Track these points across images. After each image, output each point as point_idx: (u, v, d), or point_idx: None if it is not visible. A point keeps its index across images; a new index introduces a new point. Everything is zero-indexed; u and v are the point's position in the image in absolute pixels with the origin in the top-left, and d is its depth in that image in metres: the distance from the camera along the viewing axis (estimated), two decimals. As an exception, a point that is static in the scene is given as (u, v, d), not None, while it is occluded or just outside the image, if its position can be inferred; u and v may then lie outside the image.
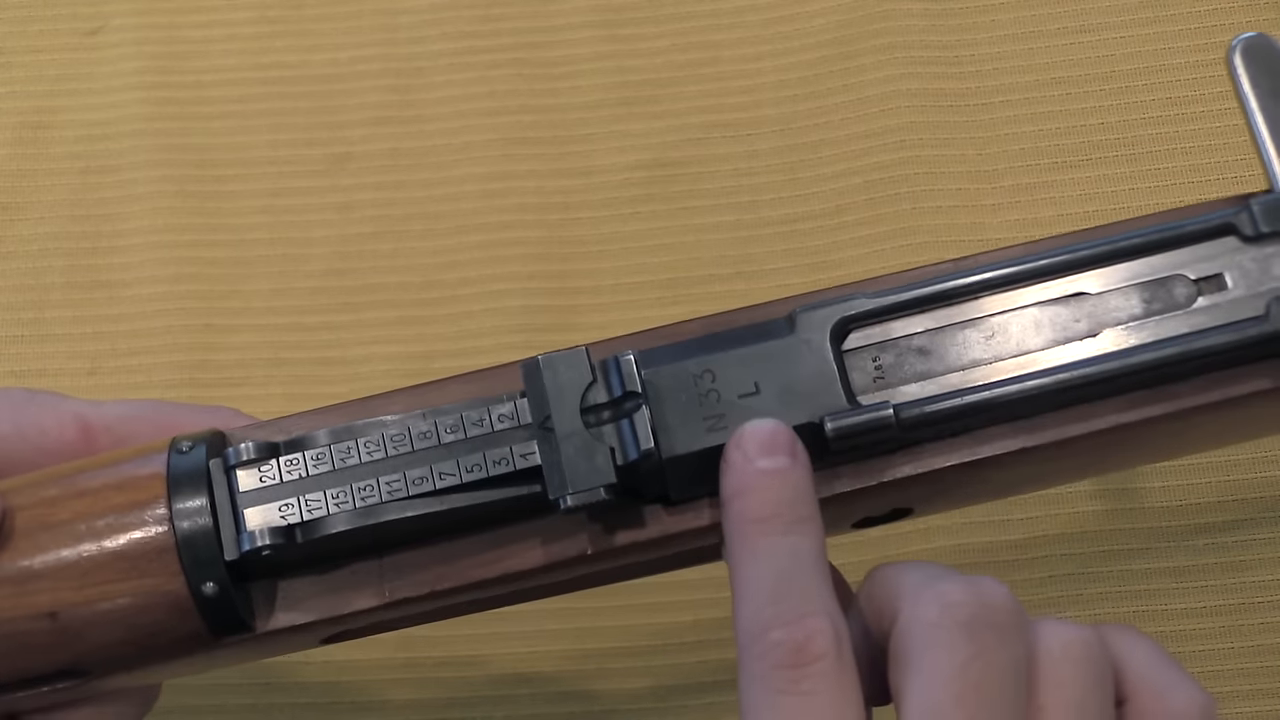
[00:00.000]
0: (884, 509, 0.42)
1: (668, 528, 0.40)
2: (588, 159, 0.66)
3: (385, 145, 0.67)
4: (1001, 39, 0.66)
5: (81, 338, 0.64)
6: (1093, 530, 0.58)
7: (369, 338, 0.64)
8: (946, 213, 0.63)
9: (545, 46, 0.68)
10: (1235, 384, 0.39)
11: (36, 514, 0.40)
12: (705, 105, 0.67)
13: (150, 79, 0.69)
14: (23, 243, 0.66)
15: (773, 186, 0.65)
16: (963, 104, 0.65)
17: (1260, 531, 0.57)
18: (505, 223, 0.65)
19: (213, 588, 0.39)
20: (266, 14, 0.70)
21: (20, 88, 0.69)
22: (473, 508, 0.39)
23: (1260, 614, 0.56)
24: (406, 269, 0.65)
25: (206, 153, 0.67)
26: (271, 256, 0.65)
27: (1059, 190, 0.63)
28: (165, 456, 0.40)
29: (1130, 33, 0.66)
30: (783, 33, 0.68)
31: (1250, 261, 0.40)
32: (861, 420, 0.39)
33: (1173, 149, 0.64)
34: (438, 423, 0.39)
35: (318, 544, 0.39)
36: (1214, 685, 0.55)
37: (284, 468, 0.39)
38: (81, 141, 0.68)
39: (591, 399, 0.39)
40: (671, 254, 0.64)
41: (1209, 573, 0.57)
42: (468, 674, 0.58)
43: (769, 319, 0.41)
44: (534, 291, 0.64)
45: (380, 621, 0.41)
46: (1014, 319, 0.40)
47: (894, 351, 0.40)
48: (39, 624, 0.39)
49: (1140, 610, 0.57)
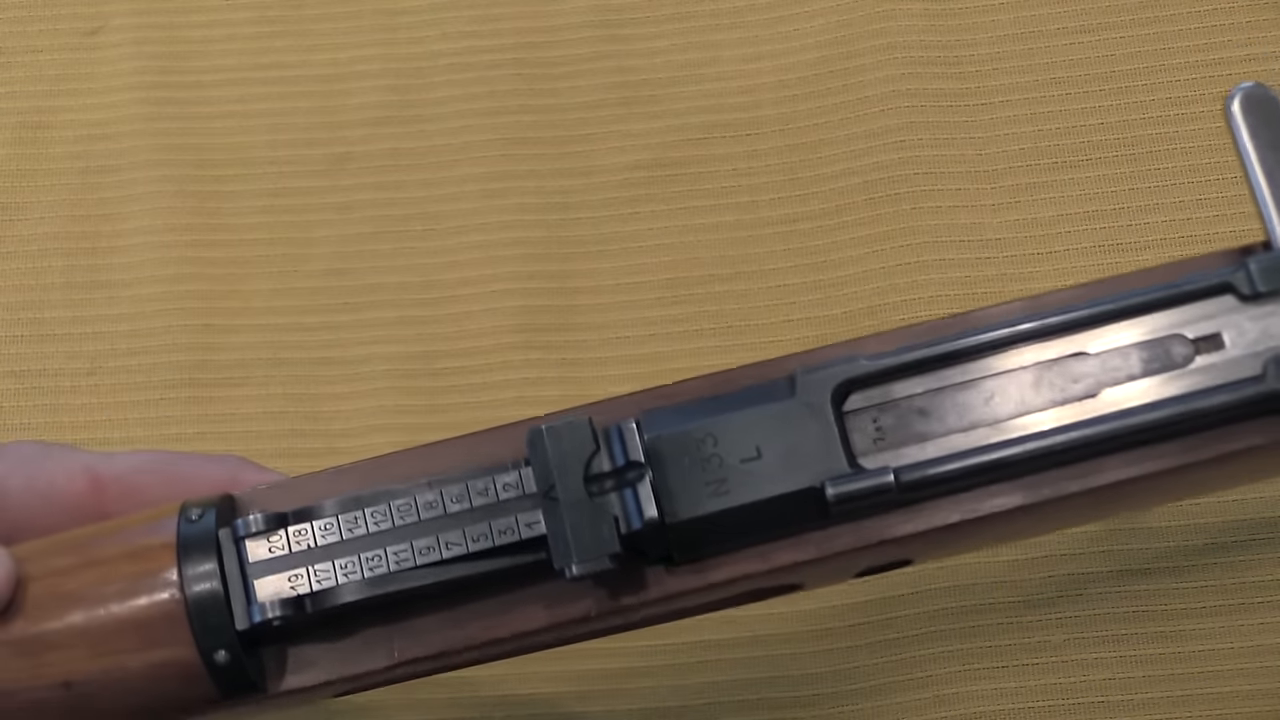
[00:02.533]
0: (884, 561, 0.42)
1: (669, 589, 0.40)
2: (588, 159, 0.66)
3: (385, 145, 0.67)
4: (1001, 39, 0.66)
5: (81, 338, 0.64)
6: (1093, 530, 0.58)
7: (369, 338, 0.64)
8: (946, 213, 0.63)
9: (545, 46, 0.68)
10: (1231, 440, 0.40)
11: (49, 584, 0.41)
12: (705, 105, 0.67)
13: (150, 79, 0.69)
14: (23, 243, 0.66)
15: (773, 186, 0.65)
16: (963, 104, 0.65)
17: (1260, 531, 0.57)
18: (505, 223, 0.65)
19: (225, 656, 0.40)
20: (266, 14, 0.70)
21: (20, 88, 0.69)
22: (479, 575, 0.40)
23: (1260, 614, 0.56)
24: (406, 269, 0.65)
25: (206, 153, 0.67)
26: (271, 256, 0.65)
27: (1059, 190, 0.63)
28: (174, 523, 0.41)
29: (1130, 33, 0.66)
30: (783, 33, 0.68)
31: (1248, 321, 0.40)
32: (862, 486, 0.39)
33: (1173, 149, 0.64)
34: (443, 492, 0.40)
35: (327, 613, 0.40)
36: (1214, 685, 0.55)
37: (292, 538, 0.40)
38: (81, 141, 0.68)
39: (595, 468, 0.39)
40: (671, 254, 0.64)
41: (1209, 573, 0.57)
42: (467, 674, 0.58)
43: (770, 378, 0.41)
44: (534, 291, 0.64)
45: (393, 678, 0.42)
46: (1014, 380, 0.40)
47: (895, 413, 0.40)
48: (54, 694, 0.40)
49: (1140, 610, 0.57)
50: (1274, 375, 0.39)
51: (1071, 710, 0.56)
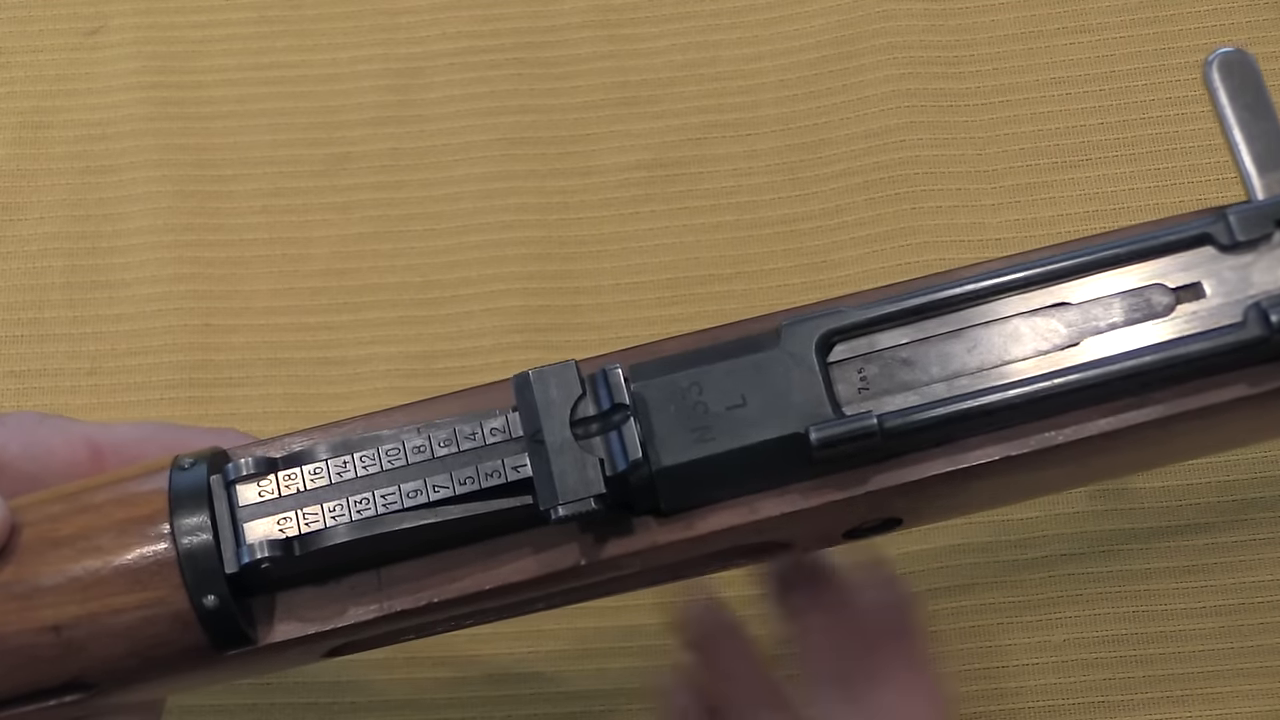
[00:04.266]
0: (873, 519, 0.42)
1: (658, 538, 0.40)
2: (588, 159, 0.66)
3: (385, 145, 0.67)
4: (1001, 39, 0.66)
5: (81, 338, 0.64)
6: (1093, 530, 0.58)
7: (369, 338, 0.64)
8: (946, 213, 0.63)
9: (545, 46, 0.68)
10: (1214, 391, 0.40)
11: (41, 530, 0.41)
12: (705, 105, 0.67)
13: (150, 79, 0.69)
14: (23, 243, 0.66)
15: (772, 186, 0.65)
16: (963, 104, 0.65)
17: (1260, 531, 0.57)
18: (505, 223, 0.65)
19: (214, 600, 0.40)
20: (266, 14, 0.70)
21: (20, 88, 0.69)
22: (467, 519, 0.40)
23: (1260, 614, 0.56)
24: (406, 269, 0.65)
25: (206, 153, 0.67)
26: (271, 256, 0.65)
27: (1059, 190, 0.63)
28: (167, 474, 0.41)
29: (1130, 33, 0.66)
30: (783, 33, 0.68)
31: (1228, 270, 0.40)
32: (846, 430, 0.39)
33: (1173, 149, 0.64)
34: (431, 437, 0.40)
35: (316, 556, 0.40)
36: (1214, 685, 0.55)
37: (282, 482, 0.40)
38: (81, 141, 0.68)
39: (581, 412, 0.40)
40: (671, 254, 0.64)
41: (1209, 573, 0.57)
42: (468, 674, 0.58)
43: (755, 333, 0.41)
44: (534, 291, 0.64)
45: (381, 634, 0.42)
46: (997, 330, 0.41)
47: (879, 363, 0.41)
48: (43, 638, 0.40)
49: (1140, 610, 0.57)
50: (1255, 322, 0.39)
51: (1071, 710, 0.56)
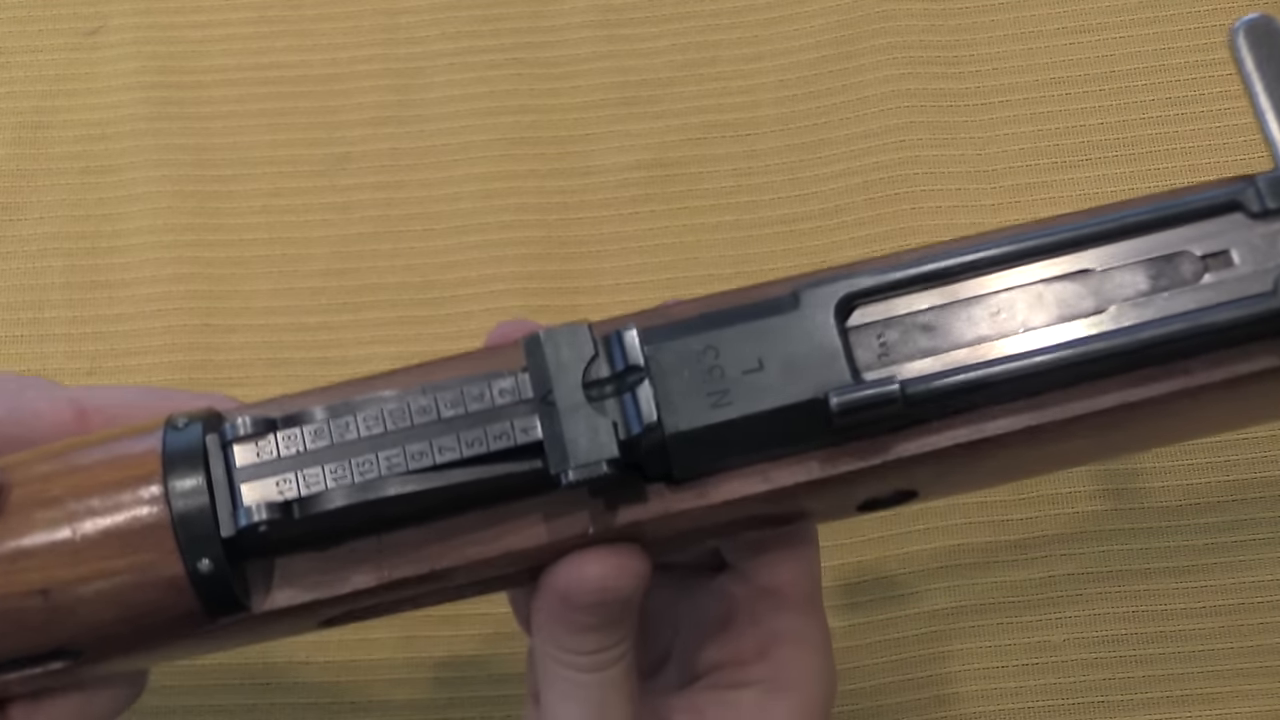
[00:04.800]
0: (888, 490, 0.41)
1: (670, 505, 0.39)
2: (588, 159, 0.66)
3: (385, 145, 0.67)
4: (1001, 39, 0.66)
5: (81, 338, 0.64)
6: (1093, 530, 0.58)
7: (369, 338, 0.64)
8: (946, 213, 0.63)
9: (545, 46, 0.68)
10: (1242, 362, 0.39)
11: (30, 490, 0.39)
12: (705, 105, 0.67)
13: (150, 79, 0.69)
14: (22, 243, 0.66)
15: (773, 186, 0.65)
16: (963, 104, 0.65)
17: (1260, 531, 0.57)
18: (505, 223, 0.65)
19: (208, 565, 0.38)
20: (266, 14, 0.70)
21: (20, 88, 0.69)
22: (473, 484, 0.38)
23: (1260, 614, 0.56)
24: (406, 269, 0.65)
25: (206, 153, 0.67)
26: (271, 256, 0.65)
27: (1059, 190, 0.63)
28: (160, 433, 0.40)
29: (1130, 33, 0.66)
30: (783, 33, 0.68)
31: (1257, 238, 0.39)
32: (867, 395, 0.38)
33: (1173, 149, 0.64)
34: (437, 398, 0.39)
35: (316, 520, 0.38)
36: (1214, 685, 0.55)
37: (281, 443, 0.39)
38: (81, 141, 0.68)
39: (594, 373, 0.38)
40: (671, 254, 0.64)
41: (1209, 573, 0.57)
42: (468, 674, 0.58)
43: (772, 296, 0.40)
44: (534, 291, 0.64)
45: (380, 603, 0.40)
46: (1020, 296, 0.39)
47: (899, 328, 0.39)
48: (31, 601, 0.38)
49: (1140, 610, 0.57)
50: None
51: (1071, 710, 0.56)
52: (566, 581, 0.39)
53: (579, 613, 0.40)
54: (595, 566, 0.39)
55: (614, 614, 0.40)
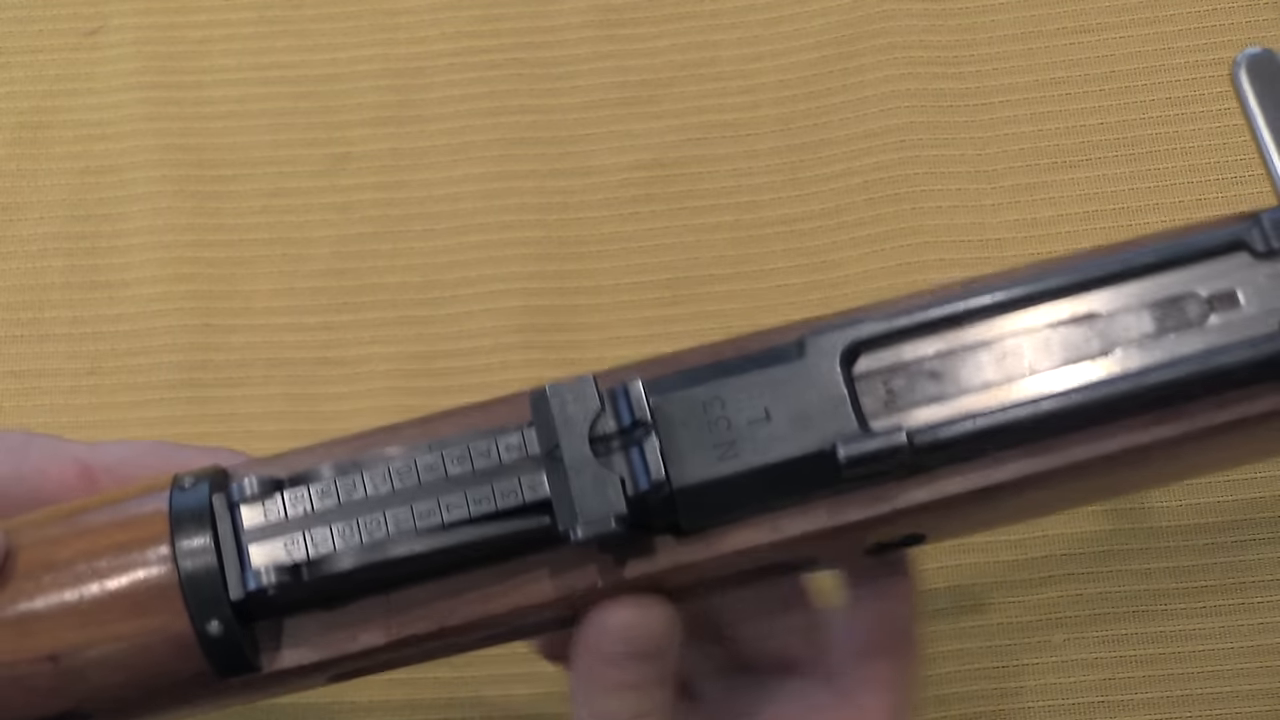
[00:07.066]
0: (896, 536, 0.41)
1: (679, 559, 0.39)
2: (588, 159, 0.66)
3: (385, 145, 0.67)
4: (1001, 39, 0.66)
5: (81, 338, 0.64)
6: (1093, 530, 0.58)
7: (369, 338, 0.64)
8: (946, 213, 0.63)
9: (545, 46, 0.68)
10: (1249, 403, 0.39)
11: (38, 554, 0.39)
12: (705, 105, 0.67)
13: (150, 79, 0.69)
14: (22, 243, 0.66)
15: (773, 186, 0.65)
16: (963, 104, 0.65)
17: (1260, 531, 0.57)
18: (505, 223, 0.65)
19: (218, 627, 0.38)
20: (266, 14, 0.70)
21: (20, 88, 0.69)
22: (481, 542, 0.38)
23: (1260, 614, 0.56)
24: (406, 269, 0.65)
25: (206, 153, 0.67)
26: (271, 256, 0.65)
27: (1059, 190, 0.63)
28: (167, 494, 0.40)
29: (1130, 33, 0.66)
30: (783, 33, 0.68)
31: (1263, 278, 0.39)
32: (875, 447, 0.38)
33: (1173, 149, 0.64)
34: (444, 455, 0.39)
35: (324, 581, 0.38)
36: (1214, 685, 0.55)
37: (288, 503, 0.39)
38: (81, 141, 0.68)
39: (600, 428, 0.38)
40: (671, 254, 0.64)
41: (1209, 573, 0.57)
42: (467, 674, 0.58)
43: (777, 344, 0.40)
44: (534, 291, 0.64)
45: (389, 660, 0.41)
46: (1026, 340, 0.39)
47: (905, 375, 0.39)
48: (40, 667, 0.39)
49: (1140, 610, 0.57)
50: None
51: (1071, 710, 0.56)
52: (595, 634, 0.39)
53: (611, 668, 0.39)
54: (618, 614, 0.39)
55: (647, 672, 0.40)
